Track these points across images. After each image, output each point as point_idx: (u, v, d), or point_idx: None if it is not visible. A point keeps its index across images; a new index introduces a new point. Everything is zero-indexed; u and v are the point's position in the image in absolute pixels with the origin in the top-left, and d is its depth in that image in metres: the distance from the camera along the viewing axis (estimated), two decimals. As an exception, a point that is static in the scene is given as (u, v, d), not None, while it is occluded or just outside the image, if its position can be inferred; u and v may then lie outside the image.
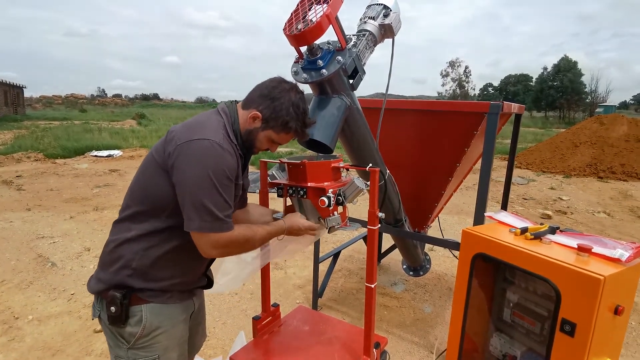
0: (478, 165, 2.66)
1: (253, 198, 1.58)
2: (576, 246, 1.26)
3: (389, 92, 2.03)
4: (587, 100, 50.49)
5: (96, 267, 1.41)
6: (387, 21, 1.86)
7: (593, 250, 1.22)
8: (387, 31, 1.89)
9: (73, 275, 3.84)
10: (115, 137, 15.01)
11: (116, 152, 11.71)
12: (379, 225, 1.57)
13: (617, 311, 1.16)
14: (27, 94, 38.89)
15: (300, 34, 1.46)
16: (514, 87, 68.73)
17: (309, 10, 1.53)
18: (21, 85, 32.31)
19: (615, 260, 1.18)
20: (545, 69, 56.58)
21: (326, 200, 1.48)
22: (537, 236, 1.38)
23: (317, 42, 1.59)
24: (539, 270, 1.23)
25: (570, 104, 50.53)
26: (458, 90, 57.96)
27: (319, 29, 1.46)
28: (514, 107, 2.70)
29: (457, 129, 2.47)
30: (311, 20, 1.46)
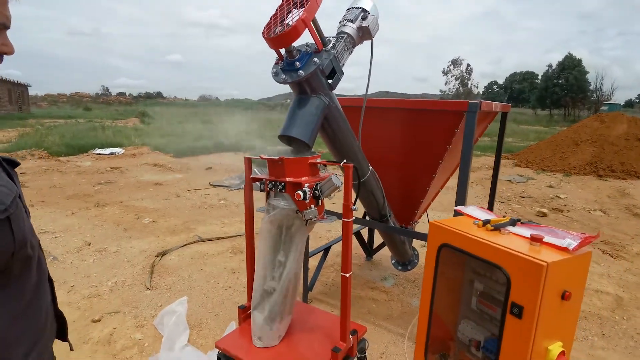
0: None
1: (239, 196, 1.67)
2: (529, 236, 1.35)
3: (392, 91, 2.14)
4: (592, 99, 50.17)
5: (95, 261, 1.11)
6: (364, 24, 1.95)
7: (544, 240, 1.31)
8: (365, 33, 1.97)
9: (73, 268, 3.96)
10: (118, 135, 15.20)
11: (118, 150, 11.89)
12: (353, 217, 1.66)
13: (564, 296, 1.24)
14: (31, 92, 39.31)
15: (277, 37, 1.55)
16: (520, 84, 68.30)
17: (287, 14, 1.62)
18: (25, 84, 32.68)
19: (563, 249, 1.26)
20: (550, 66, 56.19)
21: (301, 193, 1.57)
22: (497, 227, 1.46)
23: (296, 44, 1.68)
24: (493, 258, 1.32)
25: (575, 102, 50.21)
26: (461, 89, 57.70)
27: (294, 33, 1.54)
28: (497, 105, 2.78)
29: (438, 127, 2.55)
30: (288, 24, 1.55)
